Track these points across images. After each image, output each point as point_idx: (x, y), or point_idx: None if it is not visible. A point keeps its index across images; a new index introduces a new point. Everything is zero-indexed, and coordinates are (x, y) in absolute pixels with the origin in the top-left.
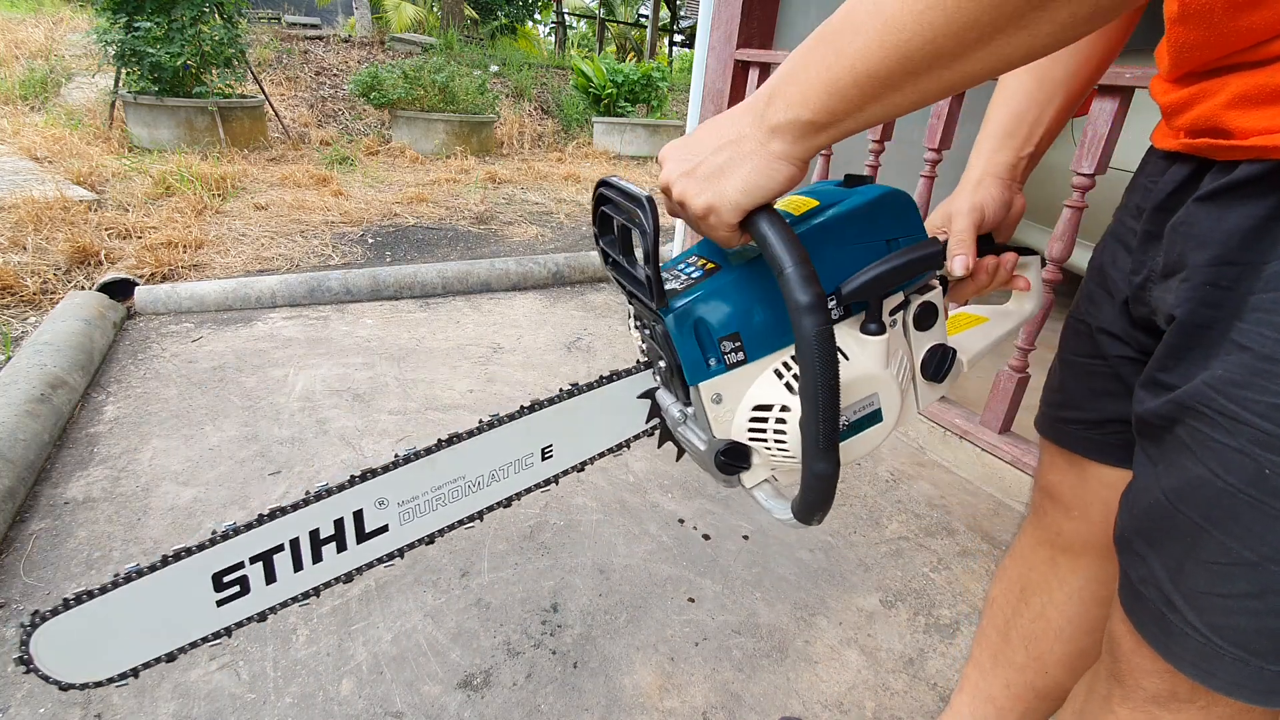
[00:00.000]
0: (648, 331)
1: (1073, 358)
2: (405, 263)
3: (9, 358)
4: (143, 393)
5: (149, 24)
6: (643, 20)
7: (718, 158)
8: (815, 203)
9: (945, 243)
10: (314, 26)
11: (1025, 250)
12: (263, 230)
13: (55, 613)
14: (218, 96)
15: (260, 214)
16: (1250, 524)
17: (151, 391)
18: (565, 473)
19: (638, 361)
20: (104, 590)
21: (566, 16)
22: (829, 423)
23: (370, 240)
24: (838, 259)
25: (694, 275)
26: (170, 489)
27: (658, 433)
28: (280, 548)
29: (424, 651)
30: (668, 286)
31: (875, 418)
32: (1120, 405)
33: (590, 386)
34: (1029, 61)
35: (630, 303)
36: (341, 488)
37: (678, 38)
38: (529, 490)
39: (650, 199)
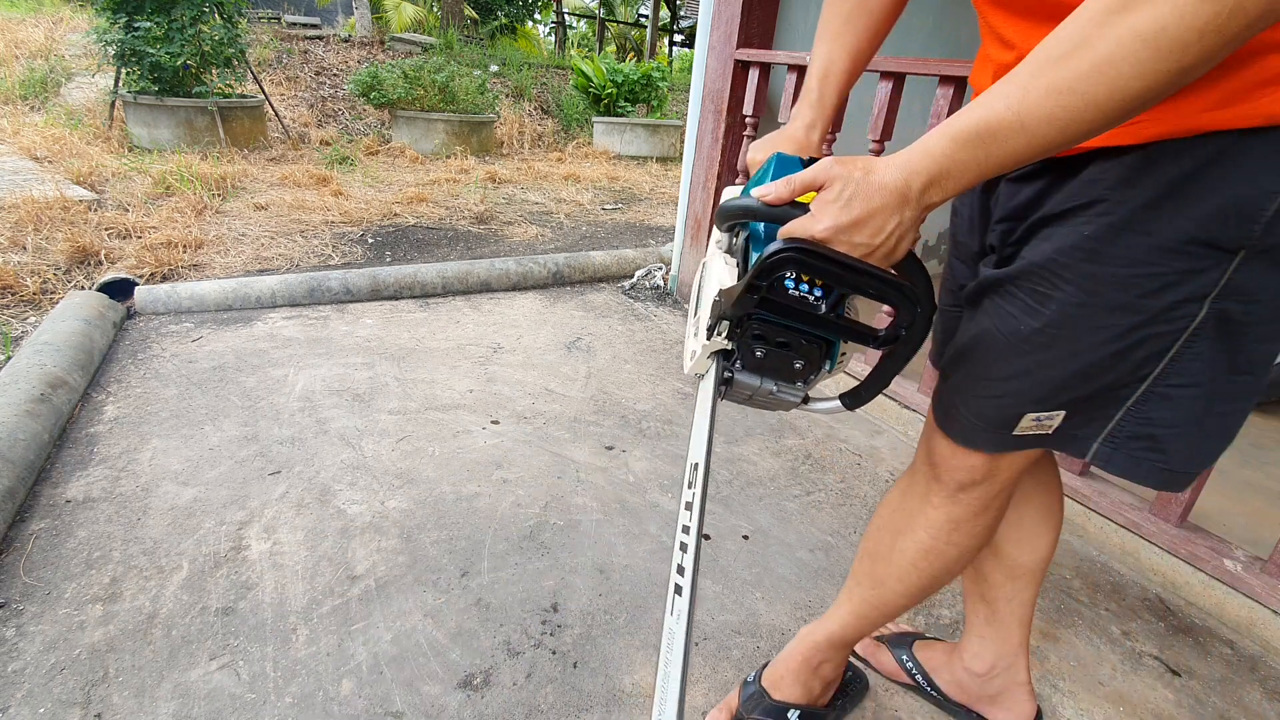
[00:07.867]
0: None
1: (942, 307)
2: (405, 263)
3: (9, 358)
4: (143, 393)
5: (149, 24)
6: (643, 20)
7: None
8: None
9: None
10: (314, 26)
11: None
12: (263, 230)
13: None
14: (218, 96)
15: (260, 214)
16: (1007, 356)
17: (151, 391)
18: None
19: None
20: None
21: (566, 16)
22: None
23: (370, 240)
24: None
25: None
26: (170, 489)
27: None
28: None
29: (424, 651)
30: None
31: None
32: None
33: None
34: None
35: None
36: None
37: (678, 38)
38: None
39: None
